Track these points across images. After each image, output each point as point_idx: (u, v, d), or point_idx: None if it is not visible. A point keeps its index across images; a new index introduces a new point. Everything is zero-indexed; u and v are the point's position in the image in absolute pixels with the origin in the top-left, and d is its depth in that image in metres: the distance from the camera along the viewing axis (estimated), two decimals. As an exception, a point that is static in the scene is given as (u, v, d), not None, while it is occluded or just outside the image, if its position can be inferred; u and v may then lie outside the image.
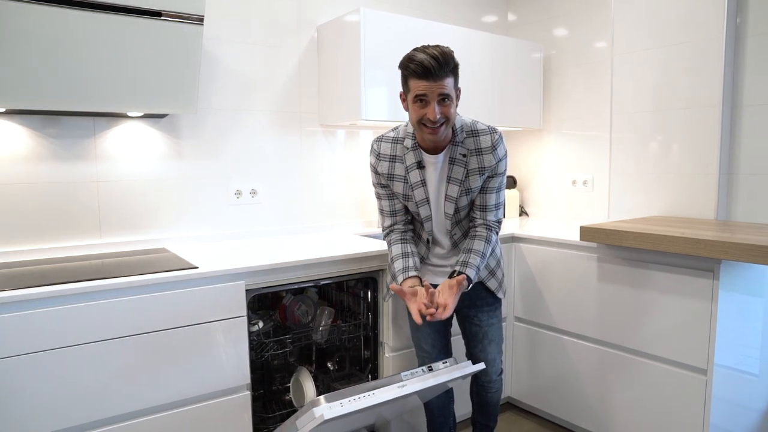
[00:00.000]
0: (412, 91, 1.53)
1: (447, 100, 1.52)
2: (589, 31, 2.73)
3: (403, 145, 1.67)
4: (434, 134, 1.55)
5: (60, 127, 1.90)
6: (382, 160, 1.69)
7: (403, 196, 1.69)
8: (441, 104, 1.51)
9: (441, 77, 1.49)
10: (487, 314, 1.79)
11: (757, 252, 1.57)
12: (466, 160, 1.63)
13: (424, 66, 1.47)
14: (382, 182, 1.72)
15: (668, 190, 2.33)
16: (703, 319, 1.79)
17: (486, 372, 1.81)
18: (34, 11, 1.55)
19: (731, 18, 2.11)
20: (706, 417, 1.81)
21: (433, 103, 1.50)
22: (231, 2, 2.21)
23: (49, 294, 1.41)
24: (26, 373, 1.39)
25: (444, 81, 1.50)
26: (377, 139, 1.72)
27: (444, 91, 1.50)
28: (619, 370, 2.05)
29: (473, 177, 1.64)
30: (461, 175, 1.64)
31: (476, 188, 1.66)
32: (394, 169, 1.68)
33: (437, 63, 1.47)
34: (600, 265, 2.08)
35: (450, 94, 1.52)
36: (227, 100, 2.23)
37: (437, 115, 1.51)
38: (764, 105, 2.09)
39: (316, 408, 1.36)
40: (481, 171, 1.64)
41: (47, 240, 1.90)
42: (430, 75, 1.48)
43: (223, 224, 2.25)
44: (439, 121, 1.52)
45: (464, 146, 1.63)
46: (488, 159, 1.63)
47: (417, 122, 1.55)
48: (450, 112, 1.54)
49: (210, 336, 1.65)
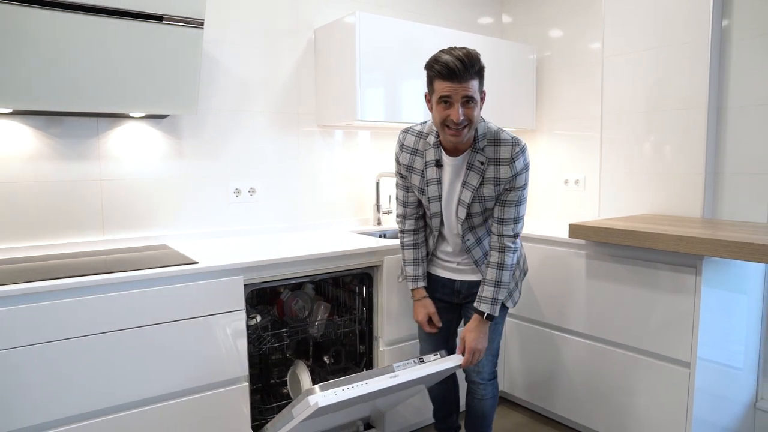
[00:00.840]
0: (436, 92, 1.54)
1: (471, 103, 1.53)
2: (581, 33, 2.79)
3: (426, 141, 1.70)
4: (457, 136, 1.56)
5: (64, 127, 1.96)
6: (405, 151, 1.73)
7: (419, 189, 1.73)
8: (465, 106, 1.52)
9: (466, 79, 1.50)
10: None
11: (736, 249, 1.63)
12: (483, 168, 1.63)
13: (449, 67, 1.48)
14: (402, 172, 1.77)
15: (657, 189, 2.39)
16: (687, 314, 1.85)
17: (471, 372, 1.84)
18: (39, 16, 1.61)
19: (716, 22, 2.17)
20: (689, 409, 1.87)
21: (456, 104, 1.51)
22: (231, 6, 2.27)
23: (56, 287, 1.47)
24: (35, 363, 1.45)
25: (468, 83, 1.50)
26: (404, 131, 1.76)
27: (468, 93, 1.51)
28: (607, 363, 2.11)
29: (488, 186, 1.64)
30: (476, 182, 1.64)
31: (490, 197, 1.65)
32: (414, 162, 1.71)
33: (462, 65, 1.48)
34: (588, 261, 2.14)
35: (474, 96, 1.52)
36: (227, 101, 2.29)
37: (460, 117, 1.51)
38: (748, 107, 2.15)
39: (311, 396, 1.42)
40: (496, 181, 1.63)
41: (52, 237, 1.96)
42: (454, 76, 1.49)
43: (223, 222, 2.32)
44: (461, 123, 1.53)
45: (483, 154, 1.63)
46: (504, 171, 1.62)
47: (441, 123, 1.57)
48: (473, 114, 1.54)
49: (210, 329, 1.71)
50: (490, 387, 1.86)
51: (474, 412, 1.89)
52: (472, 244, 1.75)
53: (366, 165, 2.72)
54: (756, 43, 2.11)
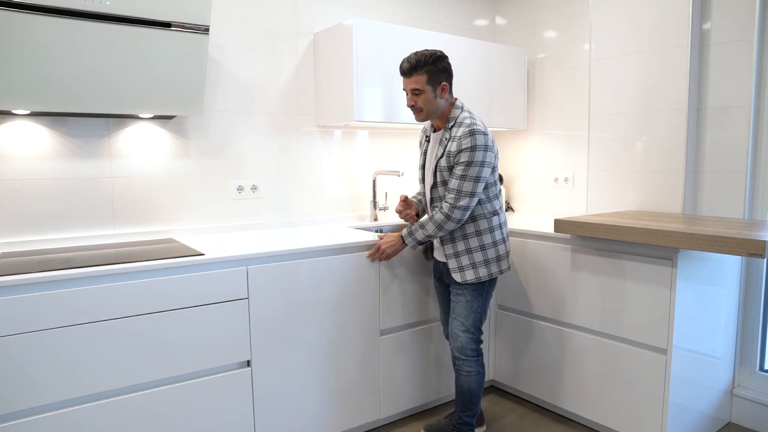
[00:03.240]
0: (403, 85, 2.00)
1: (418, 93, 1.95)
2: (572, 36, 2.90)
3: (429, 123, 2.13)
4: (417, 118, 2.01)
5: (78, 127, 2.08)
6: (421, 132, 2.20)
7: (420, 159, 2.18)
8: (415, 96, 1.96)
9: (411, 75, 1.94)
10: (454, 290, 2.08)
11: (706, 241, 1.75)
12: (447, 143, 1.97)
13: (401, 67, 1.98)
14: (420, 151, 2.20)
15: (641, 187, 2.49)
16: (663, 304, 1.97)
17: (452, 347, 2.11)
18: (56, 25, 1.73)
19: (696, 27, 2.28)
20: (666, 393, 1.98)
21: (409, 94, 1.98)
22: (234, 12, 2.39)
23: (73, 276, 1.59)
24: (52, 345, 1.57)
25: (413, 77, 1.94)
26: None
27: (414, 86, 1.94)
28: (591, 352, 2.23)
29: (445, 157, 1.97)
30: (440, 153, 1.99)
31: (445, 168, 1.97)
32: (422, 138, 2.19)
33: (408, 64, 1.94)
34: (573, 255, 2.26)
35: (419, 88, 1.93)
36: (230, 103, 2.41)
37: (410, 103, 1.97)
38: (725, 108, 2.26)
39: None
40: (448, 154, 1.95)
41: (67, 230, 2.08)
42: (404, 73, 1.97)
43: (226, 217, 2.43)
44: (415, 108, 1.97)
45: (449, 132, 1.98)
46: (455, 146, 1.93)
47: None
48: (422, 102, 1.95)
49: (215, 316, 1.83)
50: (474, 363, 2.07)
51: (461, 387, 2.09)
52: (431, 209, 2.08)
53: (363, 163, 2.83)
54: (733, 48, 2.22)
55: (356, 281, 2.15)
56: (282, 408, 2.01)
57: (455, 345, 2.08)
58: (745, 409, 2.29)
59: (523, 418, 2.43)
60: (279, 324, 1.97)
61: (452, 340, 2.09)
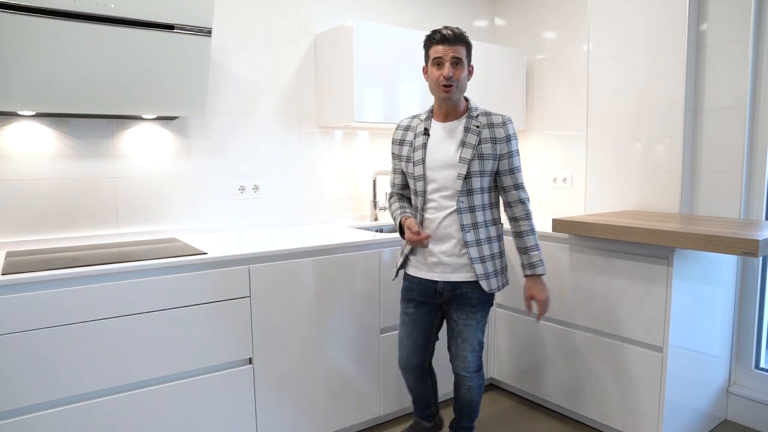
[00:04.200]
0: (431, 57, 1.81)
1: (459, 65, 1.79)
2: (569, 37, 2.93)
3: (418, 118, 1.93)
4: (447, 92, 1.78)
5: (82, 128, 2.11)
6: (399, 129, 1.97)
7: (406, 158, 1.90)
8: (454, 67, 1.77)
9: (454, 43, 1.78)
10: (467, 314, 1.86)
11: (701, 240, 1.77)
12: (480, 130, 1.82)
13: (442, 34, 1.79)
14: (394, 152, 1.97)
15: (639, 187, 2.52)
16: (659, 302, 1.99)
17: (456, 365, 1.92)
18: (61, 27, 1.75)
19: (692, 29, 2.31)
20: (662, 391, 2.01)
21: (447, 63, 1.77)
22: (236, 14, 2.42)
23: (78, 274, 1.62)
24: (56, 343, 1.60)
25: (457, 47, 1.78)
26: (407, 117, 2.00)
27: (457, 55, 1.77)
28: (589, 350, 2.25)
29: (486, 145, 1.80)
30: (474, 141, 1.80)
31: (488, 156, 1.80)
32: (405, 136, 1.93)
33: (453, 33, 1.78)
34: (571, 254, 2.28)
35: (462, 59, 1.79)
36: (232, 104, 2.44)
37: (449, 73, 1.76)
38: (721, 109, 2.28)
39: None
40: (493, 140, 1.81)
41: (71, 230, 2.11)
42: (446, 41, 1.77)
43: (228, 217, 2.46)
44: (451, 81, 1.77)
45: (478, 120, 1.84)
46: (499, 131, 1.82)
47: (435, 83, 1.80)
48: (461, 75, 1.79)
49: (217, 314, 1.86)
50: (476, 378, 1.94)
51: (462, 400, 1.99)
52: (465, 209, 1.80)
53: (363, 164, 2.86)
54: (729, 50, 2.24)
55: (356, 280, 2.18)
56: (283, 404, 2.03)
57: (461, 366, 1.90)
58: (741, 407, 2.32)
59: (522, 416, 2.46)
60: (280, 322, 2.00)
61: (457, 362, 1.91)
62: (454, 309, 1.88)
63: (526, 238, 1.86)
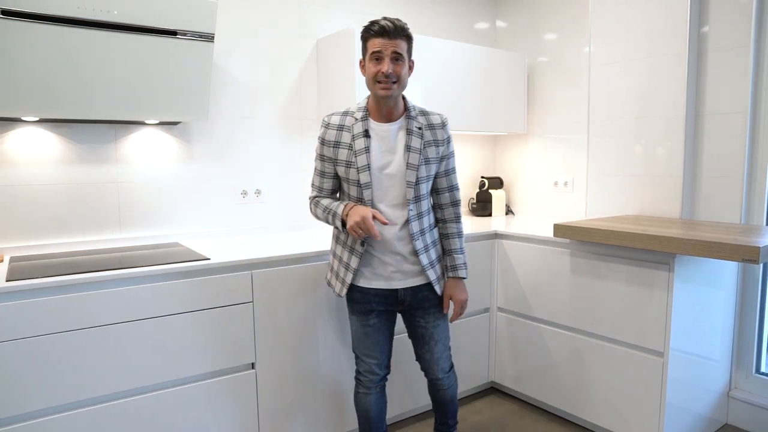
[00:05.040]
0: (369, 50, 1.68)
1: (399, 60, 1.67)
2: (571, 40, 2.93)
3: (352, 117, 1.75)
4: (386, 90, 1.66)
5: (85, 133, 2.12)
6: (331, 129, 1.75)
7: (346, 162, 1.73)
8: (394, 62, 1.66)
9: (395, 37, 1.65)
10: (434, 315, 1.84)
11: (702, 247, 1.78)
12: (422, 132, 1.75)
13: (381, 26, 1.65)
14: (325, 153, 1.76)
15: (640, 191, 2.52)
16: (660, 307, 2.00)
17: (433, 371, 1.89)
18: (64, 34, 1.76)
19: (694, 34, 2.31)
20: (663, 395, 2.02)
21: (387, 59, 1.65)
22: (239, 18, 2.42)
23: (84, 281, 1.63)
24: (61, 348, 1.61)
25: (397, 41, 1.66)
26: (327, 115, 1.79)
27: (397, 49, 1.66)
28: (590, 354, 2.26)
29: (430, 148, 1.75)
30: (419, 144, 1.73)
31: (434, 159, 1.76)
32: (341, 138, 1.74)
33: (393, 25, 1.65)
34: (573, 259, 2.29)
35: (402, 54, 1.67)
36: (234, 108, 2.44)
37: (389, 69, 1.64)
38: (723, 114, 2.29)
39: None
40: (435, 143, 1.76)
41: (74, 234, 2.12)
42: (386, 33, 1.64)
43: (231, 221, 2.47)
44: (391, 78, 1.65)
45: (418, 121, 1.76)
46: (441, 133, 1.77)
47: (372, 79, 1.68)
48: (401, 71, 1.67)
49: (220, 319, 1.87)
50: (452, 376, 1.94)
51: (444, 399, 1.95)
52: (414, 216, 1.75)
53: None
54: (730, 55, 2.25)
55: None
56: (286, 409, 2.04)
57: (438, 368, 1.88)
58: (742, 411, 2.32)
59: (523, 419, 2.47)
60: (283, 327, 2.01)
61: (433, 366, 1.88)
62: (420, 315, 1.84)
63: (453, 240, 1.86)
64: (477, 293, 2.59)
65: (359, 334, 1.86)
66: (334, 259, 1.87)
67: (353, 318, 1.87)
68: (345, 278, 1.80)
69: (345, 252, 1.80)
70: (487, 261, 2.60)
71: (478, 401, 2.65)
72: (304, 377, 2.07)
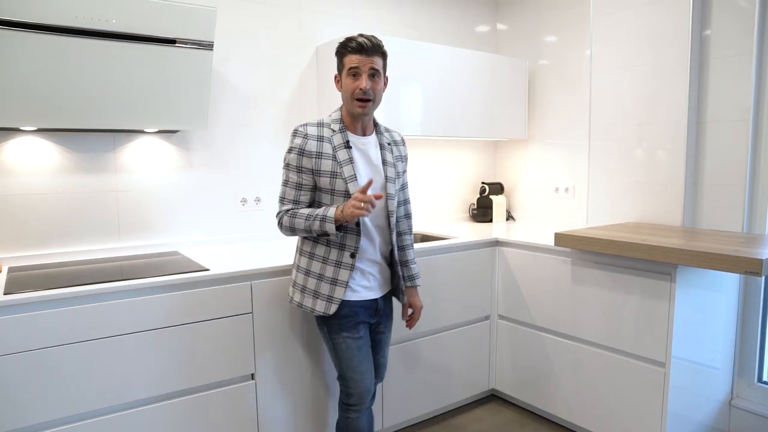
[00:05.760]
0: (346, 66, 1.68)
1: (376, 76, 1.69)
2: (572, 43, 2.92)
3: (329, 128, 1.73)
4: (363, 108, 1.68)
5: (84, 142, 2.10)
6: (310, 139, 1.69)
7: (331, 173, 1.69)
8: (371, 79, 1.68)
9: (372, 54, 1.67)
10: (390, 322, 1.92)
11: (704, 258, 1.77)
12: (391, 147, 1.82)
13: (358, 43, 1.67)
14: (305, 165, 1.69)
15: (641, 199, 2.51)
16: (662, 318, 1.99)
17: (381, 374, 1.94)
18: (63, 43, 1.75)
19: (695, 41, 2.30)
20: (664, 405, 2.01)
21: (364, 75, 1.66)
22: (239, 26, 2.41)
23: (83, 293, 1.62)
24: (61, 361, 1.60)
25: (374, 57, 1.68)
26: (301, 125, 1.73)
27: (374, 66, 1.68)
28: (591, 363, 2.25)
29: (399, 163, 1.84)
30: (391, 159, 1.79)
31: (400, 174, 1.84)
32: (322, 148, 1.70)
33: (370, 43, 1.67)
34: (574, 268, 2.28)
35: (379, 70, 1.69)
36: (234, 116, 2.43)
37: (367, 85, 1.66)
38: (725, 122, 2.28)
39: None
40: (400, 158, 1.84)
41: (73, 243, 2.11)
42: (363, 50, 1.66)
43: (230, 229, 2.46)
44: (368, 94, 1.67)
45: (385, 137, 1.82)
46: (403, 149, 1.87)
47: (350, 96, 1.68)
48: (377, 88, 1.70)
49: (220, 330, 1.86)
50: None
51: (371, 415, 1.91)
52: (393, 228, 1.80)
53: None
54: (733, 62, 2.23)
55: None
56: (286, 420, 2.03)
57: (382, 374, 1.95)
58: (744, 421, 2.32)
59: (524, 428, 2.46)
60: (282, 338, 2.00)
61: (381, 371, 1.94)
62: (381, 322, 1.88)
63: (408, 251, 1.93)
64: (477, 300, 2.58)
65: (351, 351, 1.77)
66: (307, 277, 1.75)
67: (342, 336, 1.76)
68: (333, 294, 1.72)
69: (329, 267, 1.72)
70: (487, 268, 2.59)
71: (478, 409, 2.64)
72: (304, 388, 2.06)
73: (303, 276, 1.77)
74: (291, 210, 1.73)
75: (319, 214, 1.66)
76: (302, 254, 1.78)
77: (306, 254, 1.77)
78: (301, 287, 1.78)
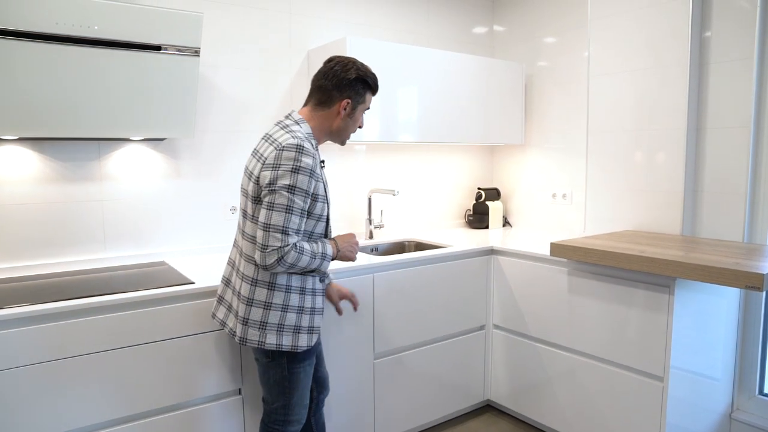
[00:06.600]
0: (366, 103, 1.68)
1: None
2: (570, 46, 2.87)
3: (310, 143, 1.56)
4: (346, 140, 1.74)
5: (68, 151, 2.05)
6: (315, 158, 1.52)
7: (323, 197, 1.58)
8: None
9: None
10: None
11: (704, 272, 1.71)
12: None
13: (377, 84, 1.69)
14: (309, 188, 1.51)
15: (640, 206, 2.46)
16: (660, 331, 1.94)
17: (329, 387, 1.91)
18: (45, 50, 1.70)
19: (695, 45, 2.24)
20: (662, 420, 1.96)
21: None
22: (227, 29, 2.35)
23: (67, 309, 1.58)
24: (48, 378, 1.55)
25: None
26: (300, 140, 1.49)
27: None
28: (587, 375, 2.20)
29: None
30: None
31: None
32: (317, 168, 1.54)
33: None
34: (570, 278, 2.23)
35: None
36: (223, 122, 2.38)
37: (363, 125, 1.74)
38: (724, 128, 2.22)
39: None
40: None
41: (58, 254, 2.06)
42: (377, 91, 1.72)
43: (218, 238, 2.41)
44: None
45: None
46: None
47: (352, 131, 1.69)
48: None
49: (206, 345, 1.81)
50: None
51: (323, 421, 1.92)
52: None
53: (358, 181, 2.80)
54: (733, 67, 2.18)
55: (348, 305, 2.12)
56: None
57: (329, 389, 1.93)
58: (744, 434, 2.27)
59: (519, 440, 2.41)
60: (271, 351, 1.95)
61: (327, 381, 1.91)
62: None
63: None
64: (473, 310, 2.53)
65: (307, 379, 1.66)
66: (285, 313, 1.56)
67: (303, 364, 1.62)
68: (313, 324, 1.61)
69: (307, 297, 1.60)
70: (483, 277, 2.54)
71: (473, 420, 2.59)
72: (293, 402, 2.01)
73: (279, 313, 1.55)
74: (297, 243, 1.49)
75: (318, 252, 1.54)
76: (275, 288, 1.55)
77: (282, 288, 1.56)
78: (276, 326, 1.55)
